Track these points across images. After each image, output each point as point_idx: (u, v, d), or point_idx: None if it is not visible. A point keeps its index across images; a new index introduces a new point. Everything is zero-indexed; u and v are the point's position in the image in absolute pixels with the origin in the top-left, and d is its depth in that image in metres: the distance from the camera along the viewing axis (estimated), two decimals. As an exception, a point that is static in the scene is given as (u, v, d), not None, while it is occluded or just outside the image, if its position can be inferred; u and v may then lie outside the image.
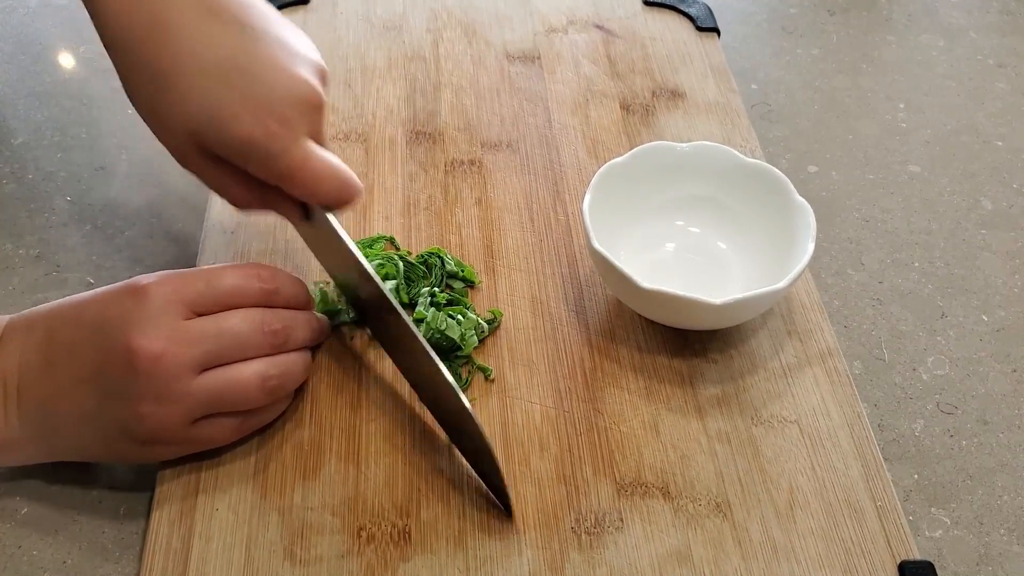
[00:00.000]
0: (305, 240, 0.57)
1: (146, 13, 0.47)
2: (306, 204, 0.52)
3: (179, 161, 0.51)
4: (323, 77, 0.52)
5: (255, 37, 0.48)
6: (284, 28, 0.51)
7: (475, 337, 0.56)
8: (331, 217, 0.51)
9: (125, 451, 0.49)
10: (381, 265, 0.59)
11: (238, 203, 0.52)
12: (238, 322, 0.48)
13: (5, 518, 0.51)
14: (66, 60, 0.80)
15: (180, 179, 0.70)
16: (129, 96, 0.50)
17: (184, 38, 0.47)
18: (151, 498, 0.50)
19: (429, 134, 0.70)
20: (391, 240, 0.62)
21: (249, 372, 0.48)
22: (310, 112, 0.49)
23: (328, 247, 0.54)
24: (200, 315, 0.48)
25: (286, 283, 0.52)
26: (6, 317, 0.50)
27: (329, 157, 0.50)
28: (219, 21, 0.48)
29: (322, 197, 0.50)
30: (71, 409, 0.47)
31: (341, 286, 0.58)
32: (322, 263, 0.58)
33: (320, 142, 0.51)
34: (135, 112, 0.75)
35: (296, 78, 0.49)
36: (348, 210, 0.54)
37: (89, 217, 0.67)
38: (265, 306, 0.50)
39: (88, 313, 0.48)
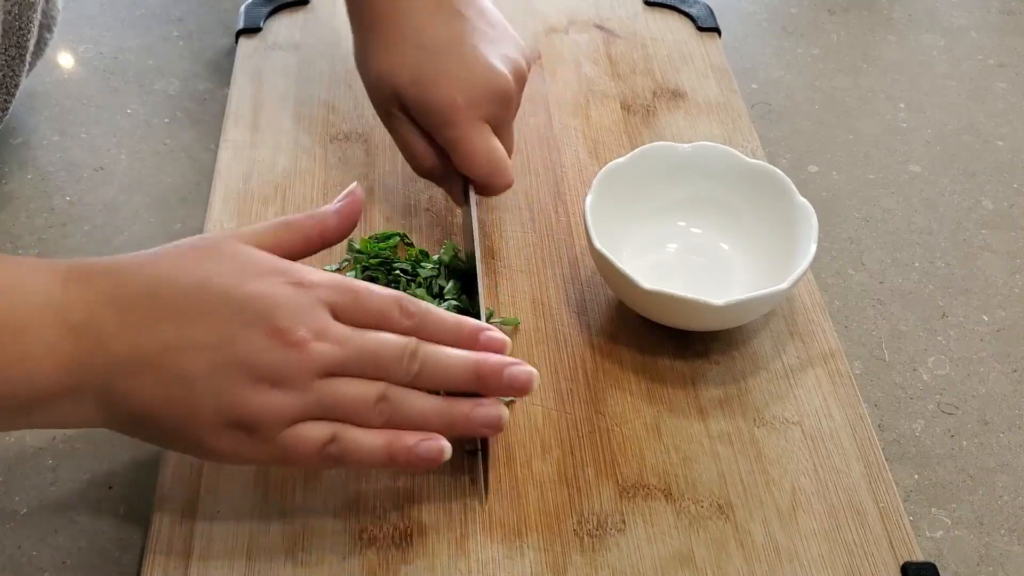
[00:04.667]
0: (463, 224, 0.61)
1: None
2: (466, 192, 0.59)
3: (380, 116, 0.61)
4: (519, 75, 0.59)
5: (468, 28, 0.58)
6: (495, 26, 0.60)
7: None
8: (473, 202, 0.58)
9: (200, 432, 0.43)
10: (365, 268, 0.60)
11: (420, 162, 0.60)
12: (379, 340, 0.45)
13: (5, 518, 0.51)
14: (66, 60, 0.80)
15: (180, 179, 0.70)
16: (357, 58, 0.61)
17: (412, 19, 0.58)
18: (152, 498, 0.50)
19: (430, 134, 0.70)
20: (403, 236, 0.62)
21: (369, 387, 0.44)
22: (496, 100, 0.57)
23: (467, 231, 0.59)
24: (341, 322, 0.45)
25: (436, 323, 0.47)
26: (65, 261, 0.45)
27: (493, 143, 0.57)
28: (442, 12, 0.58)
29: (473, 172, 0.57)
30: (170, 369, 0.42)
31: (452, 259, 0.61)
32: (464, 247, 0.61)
33: (501, 132, 0.59)
34: (135, 112, 0.75)
35: (493, 69, 0.57)
36: (496, 196, 0.61)
37: (89, 217, 0.67)
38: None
39: (223, 283, 0.44)
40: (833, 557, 0.49)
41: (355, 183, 0.51)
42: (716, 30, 0.79)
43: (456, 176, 0.60)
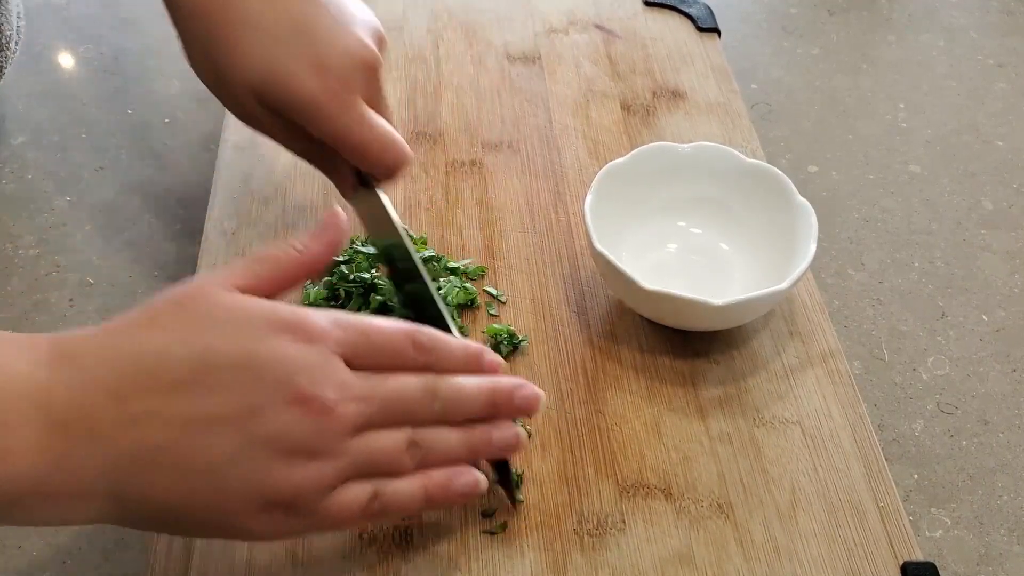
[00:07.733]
0: (356, 213, 0.56)
1: None
2: (359, 175, 0.53)
3: (241, 119, 0.53)
4: (380, 41, 0.53)
5: (315, 2, 0.50)
6: None
7: None
8: (379, 190, 0.53)
9: (233, 519, 0.39)
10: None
11: (304, 157, 0.55)
12: (401, 386, 0.42)
13: (6, 519, 0.51)
14: (66, 60, 0.80)
15: (180, 179, 0.70)
16: (191, 61, 0.52)
17: (249, 2, 0.49)
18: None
19: (430, 135, 0.70)
20: (404, 229, 0.62)
21: (398, 435, 0.42)
22: (367, 73, 0.51)
23: (374, 220, 0.54)
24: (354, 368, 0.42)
25: (447, 353, 0.45)
26: (46, 338, 0.39)
27: (379, 123, 0.51)
28: None
29: (371, 161, 0.51)
30: (190, 457, 0.38)
31: (380, 254, 0.58)
32: (368, 233, 0.58)
33: (376, 105, 0.52)
34: (134, 112, 0.75)
35: (354, 39, 0.50)
36: (396, 182, 0.54)
37: (89, 217, 0.67)
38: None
39: (228, 349, 0.39)
40: (833, 557, 0.49)
41: (336, 206, 0.46)
42: (716, 30, 0.79)
43: (344, 165, 0.53)
